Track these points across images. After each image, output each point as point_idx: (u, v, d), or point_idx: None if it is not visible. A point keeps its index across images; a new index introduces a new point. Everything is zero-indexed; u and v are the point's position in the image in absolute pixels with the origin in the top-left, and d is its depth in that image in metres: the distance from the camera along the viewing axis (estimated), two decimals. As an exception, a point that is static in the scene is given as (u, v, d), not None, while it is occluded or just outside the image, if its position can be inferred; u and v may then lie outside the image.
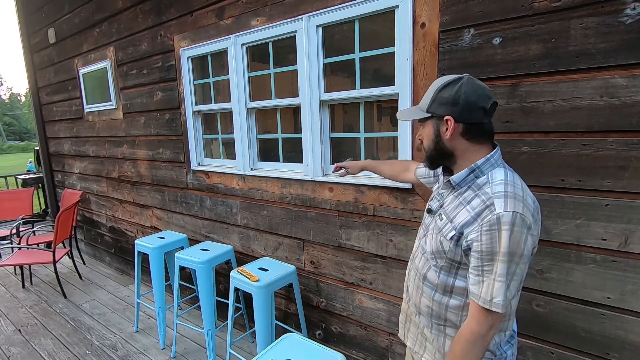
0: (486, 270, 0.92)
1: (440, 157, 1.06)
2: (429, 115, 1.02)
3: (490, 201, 0.92)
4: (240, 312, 2.59)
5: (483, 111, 0.96)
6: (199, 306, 2.50)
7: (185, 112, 2.78)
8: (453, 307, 1.04)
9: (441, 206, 1.07)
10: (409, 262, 1.21)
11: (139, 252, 2.69)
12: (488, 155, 0.99)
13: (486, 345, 0.95)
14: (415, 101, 1.66)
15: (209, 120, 2.81)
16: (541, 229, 1.40)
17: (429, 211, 1.12)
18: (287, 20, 2.01)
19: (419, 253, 1.14)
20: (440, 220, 1.05)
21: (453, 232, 0.98)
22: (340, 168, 1.67)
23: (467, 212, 0.96)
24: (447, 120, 0.98)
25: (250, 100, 2.37)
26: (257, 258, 2.42)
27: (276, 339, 1.57)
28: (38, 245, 3.86)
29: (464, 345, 0.96)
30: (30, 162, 13.67)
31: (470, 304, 0.97)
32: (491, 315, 0.92)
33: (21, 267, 3.66)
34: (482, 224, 0.91)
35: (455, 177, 1.02)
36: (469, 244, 0.94)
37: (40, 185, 5.25)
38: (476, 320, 0.95)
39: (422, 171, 1.36)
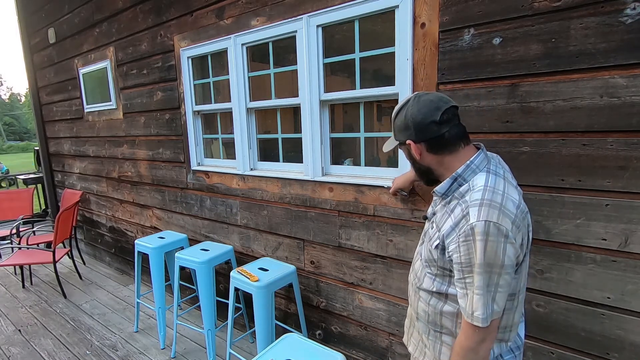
0: (468, 282, 0.91)
1: (425, 175, 1.10)
2: (398, 142, 1.07)
3: (466, 210, 0.91)
4: (240, 312, 2.59)
5: (435, 124, 0.97)
6: (199, 306, 2.49)
7: (185, 112, 2.78)
8: (447, 313, 1.03)
9: (434, 214, 1.09)
10: (411, 268, 1.22)
11: (139, 252, 2.69)
12: (468, 162, 0.98)
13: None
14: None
15: (209, 120, 2.81)
16: (541, 228, 1.41)
17: (425, 218, 1.15)
18: (287, 20, 2.01)
19: (417, 259, 1.15)
20: (432, 229, 1.06)
21: (438, 242, 0.99)
22: (396, 193, 1.57)
23: (450, 221, 0.96)
24: (409, 145, 1.02)
25: (250, 100, 2.37)
26: (257, 258, 2.42)
27: (276, 339, 1.57)
28: (38, 245, 3.86)
29: (456, 359, 0.96)
30: None
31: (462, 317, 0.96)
32: (478, 329, 0.90)
33: (21, 267, 3.66)
34: (459, 235, 0.91)
35: (439, 188, 1.03)
36: (450, 255, 0.94)
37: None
38: (465, 334, 0.94)
39: None
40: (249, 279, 1.98)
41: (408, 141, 1.01)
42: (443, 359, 1.07)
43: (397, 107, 1.05)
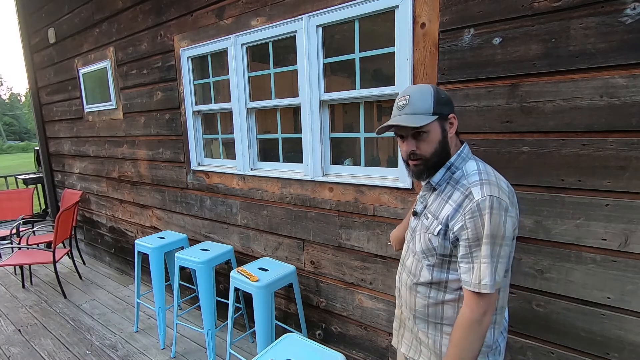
0: (475, 256, 0.96)
1: (442, 159, 1.06)
2: (435, 117, 1.02)
3: (468, 191, 0.99)
4: (240, 312, 2.59)
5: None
6: (199, 306, 2.50)
7: (185, 112, 2.78)
8: (449, 301, 1.06)
9: (425, 207, 1.12)
10: (399, 267, 1.22)
11: (139, 252, 2.69)
12: (459, 151, 1.08)
13: (483, 333, 0.97)
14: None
15: (209, 120, 2.81)
16: (541, 228, 1.41)
17: (415, 214, 1.16)
18: (287, 20, 2.01)
19: (409, 255, 1.16)
20: (427, 220, 1.09)
21: (440, 227, 1.02)
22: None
23: (449, 206, 1.02)
24: (452, 118, 1.06)
25: (250, 100, 2.37)
26: (257, 258, 2.42)
27: (276, 339, 1.57)
28: (38, 245, 3.86)
29: (460, 332, 0.99)
30: None
31: (464, 293, 1.00)
32: (482, 300, 0.95)
33: (21, 267, 3.66)
34: (464, 214, 0.97)
35: (435, 178, 1.09)
36: (457, 235, 0.99)
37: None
38: (469, 307, 0.97)
39: None
40: (249, 279, 1.98)
41: (452, 115, 1.06)
42: (444, 350, 1.08)
43: (430, 85, 1.07)
